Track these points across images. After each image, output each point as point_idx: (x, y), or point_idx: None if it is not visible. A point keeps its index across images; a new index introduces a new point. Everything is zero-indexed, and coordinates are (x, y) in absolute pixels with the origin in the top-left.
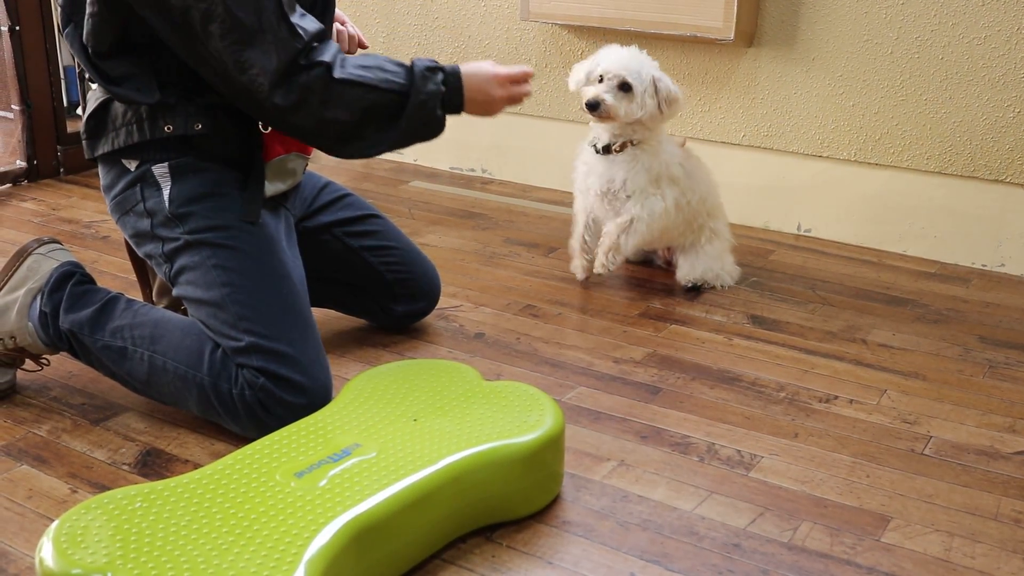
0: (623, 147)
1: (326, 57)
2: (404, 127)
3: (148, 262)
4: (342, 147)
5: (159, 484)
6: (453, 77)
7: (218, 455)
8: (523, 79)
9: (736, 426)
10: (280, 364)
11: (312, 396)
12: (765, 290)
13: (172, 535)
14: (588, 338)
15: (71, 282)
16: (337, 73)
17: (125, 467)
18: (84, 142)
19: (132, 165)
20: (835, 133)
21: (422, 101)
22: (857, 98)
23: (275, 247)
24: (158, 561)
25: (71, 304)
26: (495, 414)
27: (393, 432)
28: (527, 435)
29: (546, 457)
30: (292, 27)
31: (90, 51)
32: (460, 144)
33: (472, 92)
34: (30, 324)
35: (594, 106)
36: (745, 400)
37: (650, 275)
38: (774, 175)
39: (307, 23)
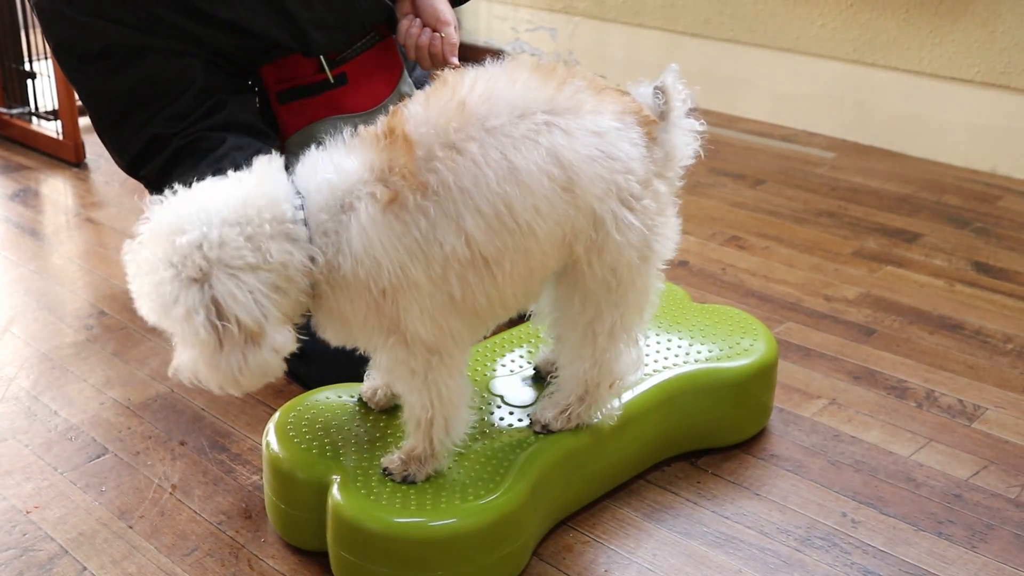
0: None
1: (153, 166)
2: None
3: None
4: None
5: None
6: None
7: None
8: None
9: (958, 375)
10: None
11: (322, 364)
12: (991, 237)
13: (390, 430)
14: (797, 273)
15: None
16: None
17: None
18: None
19: None
20: None
21: None
22: None
23: None
24: (376, 452)
25: None
26: (705, 337)
27: None
28: (738, 360)
29: (757, 385)
30: (115, 143)
31: None
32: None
33: None
34: None
35: None
36: (968, 349)
37: (865, 214)
38: (1008, 115)
39: (137, 136)
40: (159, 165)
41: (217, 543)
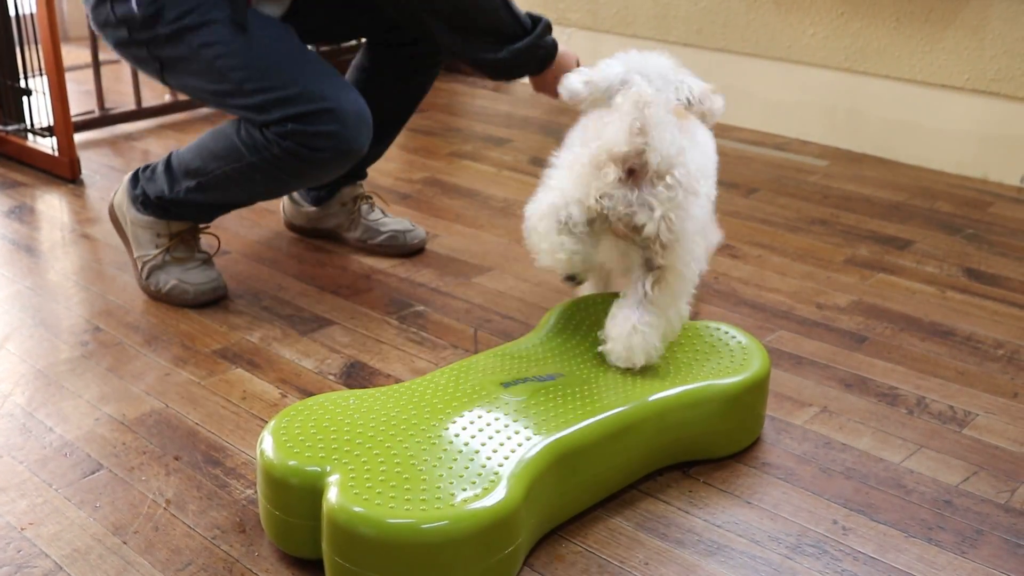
0: None
1: None
2: (502, 58)
3: (140, 70)
4: (442, 33)
5: (371, 390)
6: (554, 47)
7: (419, 372)
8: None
9: (949, 381)
10: (297, 103)
11: (342, 118)
12: (983, 243)
13: (383, 435)
14: (790, 282)
15: (139, 175)
16: None
17: (331, 377)
18: None
19: None
20: None
21: (534, 46)
22: None
23: (256, 15)
24: (371, 455)
25: (149, 184)
26: (700, 353)
27: (598, 363)
28: (733, 377)
29: (751, 400)
30: None
31: None
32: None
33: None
34: (145, 217)
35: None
36: (959, 355)
37: (857, 222)
38: (998, 122)
39: None
40: None
41: (211, 558)
